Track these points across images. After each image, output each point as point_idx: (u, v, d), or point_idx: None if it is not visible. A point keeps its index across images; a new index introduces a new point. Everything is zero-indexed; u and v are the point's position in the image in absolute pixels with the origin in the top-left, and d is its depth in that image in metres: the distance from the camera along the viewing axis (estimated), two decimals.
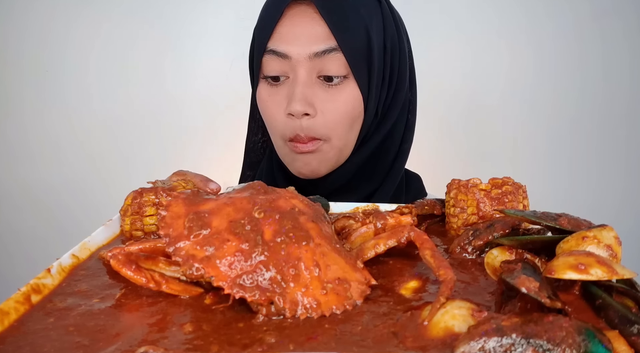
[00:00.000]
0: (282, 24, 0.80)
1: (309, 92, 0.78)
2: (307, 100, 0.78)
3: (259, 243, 0.44)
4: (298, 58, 0.78)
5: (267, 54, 0.80)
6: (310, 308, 0.42)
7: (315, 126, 0.79)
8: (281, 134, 0.83)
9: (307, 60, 0.78)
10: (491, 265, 0.48)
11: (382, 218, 0.54)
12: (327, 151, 0.83)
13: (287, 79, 0.81)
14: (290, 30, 0.80)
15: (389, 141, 0.90)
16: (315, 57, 0.78)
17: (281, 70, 0.81)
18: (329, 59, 0.78)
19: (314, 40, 0.78)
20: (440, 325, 0.39)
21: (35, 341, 0.39)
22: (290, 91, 0.79)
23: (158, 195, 0.59)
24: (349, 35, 0.79)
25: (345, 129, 0.83)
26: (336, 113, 0.80)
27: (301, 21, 0.80)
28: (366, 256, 0.49)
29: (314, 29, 0.79)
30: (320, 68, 0.79)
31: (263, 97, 0.84)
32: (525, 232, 0.54)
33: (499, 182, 0.60)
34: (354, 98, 0.81)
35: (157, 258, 0.48)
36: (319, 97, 0.79)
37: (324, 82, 0.80)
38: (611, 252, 0.44)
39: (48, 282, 0.48)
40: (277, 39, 0.80)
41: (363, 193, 0.90)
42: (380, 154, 0.90)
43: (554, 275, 0.40)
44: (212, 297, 0.45)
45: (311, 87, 0.79)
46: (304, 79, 0.79)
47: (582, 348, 0.33)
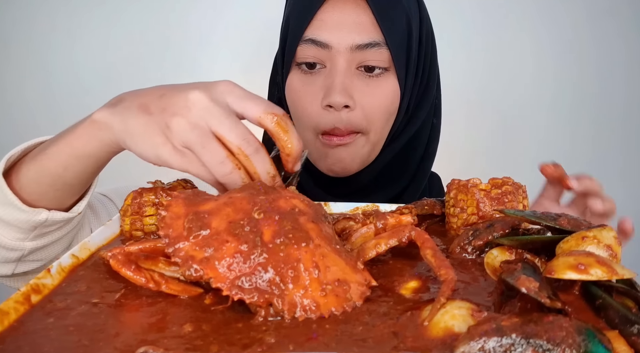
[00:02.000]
0: (324, 10, 0.76)
1: (348, 83, 0.75)
2: (348, 91, 0.75)
3: (258, 245, 0.44)
4: (339, 48, 0.75)
5: (305, 43, 0.76)
6: (309, 310, 0.42)
7: (354, 119, 0.76)
8: (314, 126, 0.79)
9: (348, 51, 0.75)
10: (491, 265, 0.48)
11: (382, 218, 0.54)
12: (362, 145, 0.80)
13: (324, 68, 0.77)
14: (333, 18, 0.76)
15: (416, 141, 0.87)
16: (357, 48, 0.75)
17: (318, 58, 0.76)
18: (372, 51, 0.75)
19: (358, 31, 0.75)
20: (440, 325, 0.39)
21: (35, 341, 0.39)
22: (329, 81, 0.75)
23: (158, 195, 0.59)
24: (394, 26, 0.76)
25: (382, 123, 0.80)
26: (376, 106, 0.77)
27: (345, 8, 0.76)
28: (367, 256, 0.49)
29: (359, 17, 0.75)
30: (361, 59, 0.76)
31: (296, 86, 0.80)
32: (525, 232, 0.54)
33: (499, 182, 0.60)
34: (393, 91, 0.78)
35: (157, 259, 0.48)
36: (358, 89, 0.76)
37: (363, 73, 0.77)
38: (611, 252, 0.44)
39: (48, 282, 0.48)
40: (317, 26, 0.76)
41: (390, 194, 0.87)
42: (407, 154, 0.87)
43: (554, 275, 0.40)
44: (212, 297, 0.45)
45: (350, 77, 0.76)
46: (344, 69, 0.75)
47: (582, 348, 0.33)
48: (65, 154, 0.60)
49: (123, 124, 0.55)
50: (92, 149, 0.59)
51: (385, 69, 0.78)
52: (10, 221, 0.63)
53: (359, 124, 0.77)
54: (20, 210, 0.62)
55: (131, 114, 0.55)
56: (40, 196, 0.63)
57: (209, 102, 0.51)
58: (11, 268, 0.68)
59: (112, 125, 0.56)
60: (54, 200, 0.64)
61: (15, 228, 0.63)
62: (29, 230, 0.64)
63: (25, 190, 0.63)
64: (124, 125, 0.55)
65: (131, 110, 0.55)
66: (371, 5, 0.75)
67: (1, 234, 0.64)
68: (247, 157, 0.52)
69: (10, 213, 0.62)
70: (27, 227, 0.63)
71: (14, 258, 0.67)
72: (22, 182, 0.62)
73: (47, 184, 0.62)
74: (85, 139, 0.58)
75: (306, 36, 0.76)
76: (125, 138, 0.55)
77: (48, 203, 0.64)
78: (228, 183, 0.52)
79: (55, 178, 0.62)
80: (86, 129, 0.58)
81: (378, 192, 0.87)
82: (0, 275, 0.70)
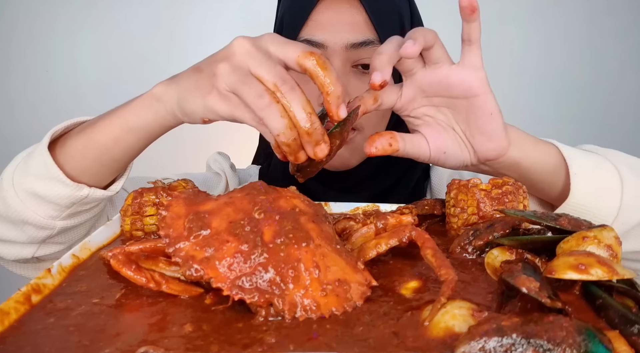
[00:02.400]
0: (318, 10, 0.77)
1: (345, 82, 0.76)
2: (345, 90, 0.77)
3: (259, 245, 0.44)
4: (334, 48, 0.76)
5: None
6: (309, 309, 0.42)
7: None
8: None
9: (343, 50, 0.76)
10: (491, 265, 0.48)
11: (382, 218, 0.54)
12: (360, 142, 0.82)
13: None
14: (328, 18, 0.77)
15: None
16: (352, 47, 0.76)
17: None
18: (366, 49, 0.77)
19: (352, 30, 0.76)
20: (440, 325, 0.39)
21: (35, 341, 0.39)
22: None
23: (158, 195, 0.59)
24: (387, 24, 0.78)
25: (379, 119, 0.82)
26: None
27: (338, 8, 0.77)
28: (368, 256, 0.49)
29: (352, 17, 0.76)
30: (356, 57, 0.77)
31: None
32: (525, 232, 0.54)
33: (499, 182, 0.60)
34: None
35: (157, 258, 0.48)
36: (354, 87, 0.78)
37: (358, 71, 0.78)
38: (611, 252, 0.44)
39: (48, 282, 0.48)
40: (312, 26, 0.77)
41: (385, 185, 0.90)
42: None
43: (555, 275, 0.40)
44: (212, 297, 0.45)
45: (346, 76, 0.77)
46: (340, 68, 0.76)
47: (582, 348, 0.33)
48: (118, 126, 0.61)
49: (177, 89, 0.58)
50: (146, 121, 0.61)
51: None
52: (49, 197, 0.63)
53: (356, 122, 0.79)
54: (64, 184, 0.62)
55: (185, 76, 0.58)
56: (82, 171, 0.64)
57: (251, 46, 0.54)
58: (33, 250, 0.69)
59: (169, 93, 0.59)
60: (95, 176, 0.65)
61: (51, 206, 0.64)
62: (66, 207, 0.64)
63: (69, 164, 0.63)
64: (178, 90, 0.58)
65: (185, 74, 0.59)
66: (364, 4, 0.76)
67: (35, 212, 0.64)
68: (284, 95, 0.53)
69: (51, 188, 0.63)
70: (65, 203, 0.64)
71: (40, 238, 0.67)
72: (68, 156, 0.63)
73: (93, 158, 0.63)
74: (140, 111, 0.60)
75: (301, 37, 0.77)
76: (179, 102, 0.58)
77: (88, 180, 0.65)
78: (267, 118, 0.53)
79: (103, 151, 0.63)
80: (143, 101, 0.60)
81: (375, 184, 0.90)
82: (19, 259, 0.70)
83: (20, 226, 0.66)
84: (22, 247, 0.69)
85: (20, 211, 0.65)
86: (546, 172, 0.66)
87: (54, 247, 0.70)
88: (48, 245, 0.69)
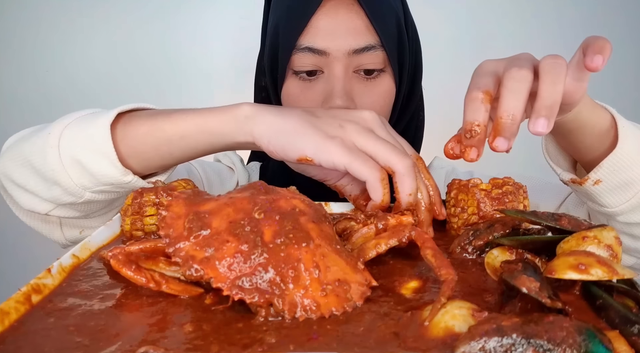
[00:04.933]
0: (318, 16, 0.76)
1: (348, 87, 0.76)
2: (348, 95, 0.77)
3: (259, 245, 0.44)
4: (337, 54, 0.75)
5: (301, 51, 0.76)
6: (309, 310, 0.42)
7: None
8: None
9: (346, 56, 0.75)
10: (491, 265, 0.48)
11: (382, 218, 0.54)
12: None
13: (322, 73, 0.78)
14: (328, 24, 0.76)
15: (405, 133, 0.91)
16: (354, 53, 0.75)
17: (316, 65, 0.77)
18: (368, 54, 0.76)
19: (353, 35, 0.75)
20: (440, 325, 0.39)
21: (35, 341, 0.39)
22: (329, 87, 0.76)
23: (158, 195, 0.59)
24: (387, 28, 0.77)
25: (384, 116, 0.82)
26: (375, 106, 0.79)
27: (338, 14, 0.76)
28: (368, 256, 0.49)
29: (352, 22, 0.76)
30: (358, 62, 0.77)
31: (294, 92, 0.80)
32: (525, 232, 0.54)
33: (500, 182, 0.60)
34: (389, 91, 0.81)
35: (157, 258, 0.48)
36: (356, 91, 0.78)
37: (360, 75, 0.78)
38: (611, 252, 0.44)
39: (48, 282, 0.48)
40: (313, 34, 0.76)
41: None
42: None
43: (555, 275, 0.40)
44: (213, 297, 0.45)
45: (349, 81, 0.77)
46: (342, 74, 0.76)
47: (582, 348, 0.33)
48: (193, 123, 0.60)
49: (281, 121, 0.57)
50: (226, 130, 0.60)
51: (382, 69, 0.79)
52: (92, 170, 0.62)
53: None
54: (113, 165, 0.61)
55: (294, 113, 0.58)
56: (134, 155, 0.63)
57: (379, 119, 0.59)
58: (50, 208, 0.67)
59: (265, 118, 0.58)
60: (143, 163, 0.64)
61: (90, 178, 0.62)
62: (103, 184, 0.63)
63: (125, 143, 0.62)
64: (282, 123, 0.57)
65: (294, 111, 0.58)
66: (365, 8, 0.76)
67: (71, 177, 0.62)
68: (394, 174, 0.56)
69: (98, 163, 0.61)
70: (104, 181, 0.63)
71: (63, 201, 0.66)
72: (128, 136, 0.62)
73: (152, 146, 0.62)
74: (223, 118, 0.59)
75: (302, 44, 0.76)
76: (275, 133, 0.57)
77: (135, 164, 0.63)
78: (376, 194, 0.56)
79: (165, 142, 0.62)
80: (230, 114, 0.59)
81: None
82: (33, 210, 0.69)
83: (49, 184, 0.64)
84: (41, 201, 0.67)
85: (56, 171, 0.62)
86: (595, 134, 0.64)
87: (71, 211, 0.69)
88: (66, 208, 0.68)
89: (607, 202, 0.66)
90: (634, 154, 0.62)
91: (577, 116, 0.61)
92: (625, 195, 0.64)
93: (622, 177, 0.63)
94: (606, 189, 0.64)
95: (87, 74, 1.85)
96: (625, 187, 0.64)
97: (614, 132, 0.64)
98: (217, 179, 0.97)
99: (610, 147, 0.63)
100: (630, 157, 0.62)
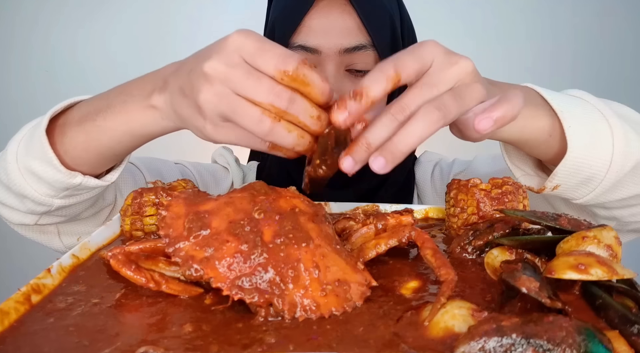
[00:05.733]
0: (311, 16, 0.77)
1: (339, 86, 0.77)
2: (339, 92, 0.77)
3: (258, 245, 0.44)
4: (328, 53, 0.76)
5: (294, 49, 0.77)
6: (309, 310, 0.42)
7: None
8: None
9: (337, 55, 0.76)
10: (491, 265, 0.48)
11: (382, 218, 0.54)
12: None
13: None
14: (320, 23, 0.77)
15: None
16: (346, 52, 0.76)
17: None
18: (359, 54, 0.77)
19: (345, 34, 0.76)
20: (440, 325, 0.39)
21: (35, 341, 0.39)
22: None
23: (158, 195, 0.59)
24: (380, 28, 0.78)
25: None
26: None
27: (331, 13, 0.77)
28: (367, 256, 0.49)
29: (345, 22, 0.77)
30: (349, 61, 0.78)
31: None
32: (525, 232, 0.54)
33: (499, 182, 0.60)
34: None
35: (157, 258, 0.48)
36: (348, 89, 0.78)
37: (351, 75, 0.79)
38: (611, 252, 0.44)
39: (48, 282, 0.48)
40: (305, 32, 0.77)
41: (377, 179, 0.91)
42: None
43: (554, 275, 0.40)
44: (212, 297, 0.45)
45: (340, 80, 0.78)
46: (334, 72, 0.77)
47: (582, 348, 0.33)
48: (122, 132, 0.60)
49: (174, 112, 0.55)
50: (152, 131, 0.59)
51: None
52: (45, 178, 0.63)
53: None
54: (57, 170, 0.62)
55: (176, 100, 0.54)
56: (82, 161, 0.64)
57: (225, 67, 0.48)
58: (35, 219, 0.70)
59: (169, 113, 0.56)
60: (92, 166, 0.65)
61: (47, 185, 0.64)
62: (61, 189, 0.65)
63: (70, 155, 0.63)
64: (176, 114, 0.55)
65: (175, 95, 0.54)
66: (357, 8, 0.77)
67: (33, 188, 0.64)
68: (285, 111, 0.48)
69: (46, 171, 0.63)
70: (59, 187, 0.64)
71: (39, 211, 0.68)
72: (68, 147, 0.63)
73: (95, 152, 0.63)
74: (145, 122, 0.59)
75: (295, 42, 0.78)
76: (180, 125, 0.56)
77: (86, 168, 0.65)
78: (277, 141, 0.49)
79: (106, 149, 0.63)
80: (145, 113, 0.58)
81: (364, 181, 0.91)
82: (22, 223, 0.71)
83: (20, 198, 0.67)
84: (23, 214, 0.69)
85: (20, 185, 0.65)
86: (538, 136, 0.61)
87: (55, 218, 0.71)
88: (49, 216, 0.70)
89: (572, 197, 0.64)
90: (586, 151, 0.59)
91: (522, 131, 0.59)
92: (587, 188, 0.63)
93: (579, 177, 0.61)
94: (567, 189, 0.63)
95: (88, 74, 1.85)
96: (586, 183, 0.62)
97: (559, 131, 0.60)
98: (212, 180, 0.98)
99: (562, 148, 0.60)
100: (583, 156, 0.60)
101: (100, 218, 0.77)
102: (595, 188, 0.62)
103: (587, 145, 0.60)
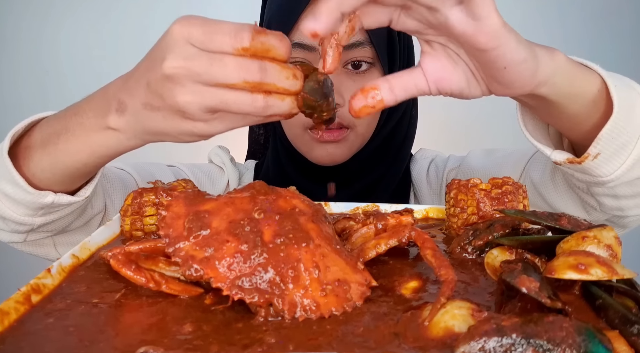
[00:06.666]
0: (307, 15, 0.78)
1: (337, 82, 0.77)
2: (337, 90, 0.78)
3: (258, 245, 0.44)
4: None
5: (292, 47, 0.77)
6: (309, 310, 0.42)
7: (343, 114, 0.79)
8: (303, 123, 0.82)
9: None
10: (491, 265, 0.48)
11: (382, 218, 0.54)
12: (353, 139, 0.84)
13: None
14: None
15: (397, 128, 0.92)
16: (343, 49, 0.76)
17: (306, 60, 0.79)
18: (357, 50, 0.78)
19: None
20: (440, 325, 0.39)
21: (35, 341, 0.39)
22: None
23: (158, 195, 0.59)
24: None
25: (370, 117, 0.84)
26: None
27: None
28: (367, 256, 0.49)
29: None
30: (347, 58, 0.79)
31: None
32: (525, 232, 0.54)
33: (499, 182, 0.60)
34: None
35: (157, 258, 0.48)
36: (345, 86, 0.79)
37: (350, 70, 0.80)
38: (611, 252, 0.44)
39: (48, 282, 0.48)
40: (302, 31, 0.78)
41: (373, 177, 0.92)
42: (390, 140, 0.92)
43: (554, 275, 0.40)
44: (212, 297, 0.45)
45: (338, 76, 0.79)
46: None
47: (582, 348, 0.33)
48: (86, 154, 0.59)
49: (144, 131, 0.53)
50: (116, 151, 0.58)
51: (371, 64, 0.81)
52: (17, 199, 0.63)
53: (349, 119, 0.81)
54: (27, 192, 0.62)
55: (144, 118, 0.52)
56: (51, 182, 0.63)
57: (185, 62, 0.46)
58: (22, 237, 0.70)
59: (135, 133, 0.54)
60: (64, 184, 0.64)
61: (23, 206, 0.64)
62: (37, 209, 0.65)
63: (38, 177, 0.63)
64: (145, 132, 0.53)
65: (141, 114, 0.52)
66: None
67: (11, 210, 0.64)
68: (261, 83, 0.47)
69: (16, 193, 0.62)
70: (34, 207, 0.64)
71: (23, 230, 0.68)
72: (35, 170, 0.63)
73: (62, 174, 0.63)
74: (107, 144, 0.57)
75: (293, 40, 0.78)
76: (152, 139, 0.54)
77: (57, 187, 0.64)
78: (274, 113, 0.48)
79: (73, 170, 0.62)
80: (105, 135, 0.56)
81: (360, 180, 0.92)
82: (13, 242, 0.72)
83: (2, 219, 0.67)
84: (9, 233, 0.69)
85: None
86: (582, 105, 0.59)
87: (43, 234, 0.71)
88: (36, 232, 0.70)
89: (602, 172, 0.61)
90: (626, 114, 0.58)
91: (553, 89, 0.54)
92: (619, 159, 0.60)
93: (618, 142, 0.59)
94: (603, 160, 0.60)
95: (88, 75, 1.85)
96: (620, 151, 0.60)
97: (604, 95, 0.58)
98: (208, 180, 0.98)
99: (603, 114, 0.58)
100: (625, 118, 0.58)
101: (91, 226, 0.77)
102: (627, 159, 0.60)
103: (628, 107, 0.58)
